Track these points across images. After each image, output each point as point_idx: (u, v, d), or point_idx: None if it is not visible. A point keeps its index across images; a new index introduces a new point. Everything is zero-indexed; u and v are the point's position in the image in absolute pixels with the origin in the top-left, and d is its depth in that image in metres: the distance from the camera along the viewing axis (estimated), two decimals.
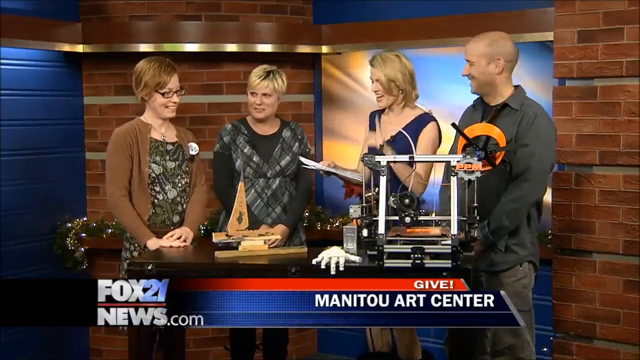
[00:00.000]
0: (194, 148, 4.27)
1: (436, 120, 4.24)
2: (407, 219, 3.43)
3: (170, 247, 4.03)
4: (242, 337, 4.57)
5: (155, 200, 4.15)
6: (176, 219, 4.19)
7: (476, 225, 3.44)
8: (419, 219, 3.48)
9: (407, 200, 3.47)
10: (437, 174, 4.13)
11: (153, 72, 4.14)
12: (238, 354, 4.62)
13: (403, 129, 4.10)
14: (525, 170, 3.77)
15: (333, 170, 4.20)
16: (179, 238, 4.08)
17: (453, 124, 3.71)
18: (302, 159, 4.20)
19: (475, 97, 4.02)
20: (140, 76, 4.15)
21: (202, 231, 5.04)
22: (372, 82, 4.27)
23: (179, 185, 4.22)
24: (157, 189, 4.16)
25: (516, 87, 3.96)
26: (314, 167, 4.18)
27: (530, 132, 3.79)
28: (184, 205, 4.23)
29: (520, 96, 3.92)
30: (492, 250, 3.85)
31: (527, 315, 3.84)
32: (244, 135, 4.48)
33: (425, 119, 4.22)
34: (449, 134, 4.07)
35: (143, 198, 4.13)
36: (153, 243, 4.05)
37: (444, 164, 3.90)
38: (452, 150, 3.97)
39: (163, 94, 4.16)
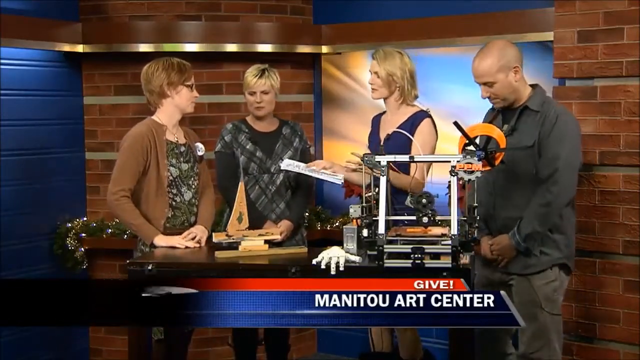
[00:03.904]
0: (200, 148, 4.26)
1: (431, 117, 4.20)
2: (425, 219, 3.39)
3: (186, 247, 3.98)
4: (245, 333, 4.59)
5: (174, 203, 4.12)
6: (193, 220, 4.18)
7: (476, 225, 3.41)
8: (436, 218, 3.43)
9: (424, 200, 3.41)
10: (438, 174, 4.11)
11: (178, 67, 4.12)
12: (242, 350, 4.65)
13: (398, 127, 4.10)
14: (553, 173, 3.73)
15: (313, 174, 4.20)
16: (193, 238, 4.05)
17: (455, 123, 3.70)
18: (285, 162, 4.24)
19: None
20: (162, 73, 4.08)
21: None
22: (371, 74, 4.27)
23: (193, 186, 4.20)
24: (175, 191, 4.13)
25: (534, 86, 3.91)
26: (296, 170, 4.23)
27: (553, 133, 3.74)
28: (198, 206, 4.22)
29: (540, 96, 3.87)
30: (527, 255, 3.80)
31: (555, 319, 3.83)
32: (245, 133, 4.53)
33: (420, 116, 4.19)
34: (448, 133, 4.06)
35: (160, 201, 4.09)
36: (161, 240, 4.00)
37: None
38: None
39: (190, 87, 4.15)
